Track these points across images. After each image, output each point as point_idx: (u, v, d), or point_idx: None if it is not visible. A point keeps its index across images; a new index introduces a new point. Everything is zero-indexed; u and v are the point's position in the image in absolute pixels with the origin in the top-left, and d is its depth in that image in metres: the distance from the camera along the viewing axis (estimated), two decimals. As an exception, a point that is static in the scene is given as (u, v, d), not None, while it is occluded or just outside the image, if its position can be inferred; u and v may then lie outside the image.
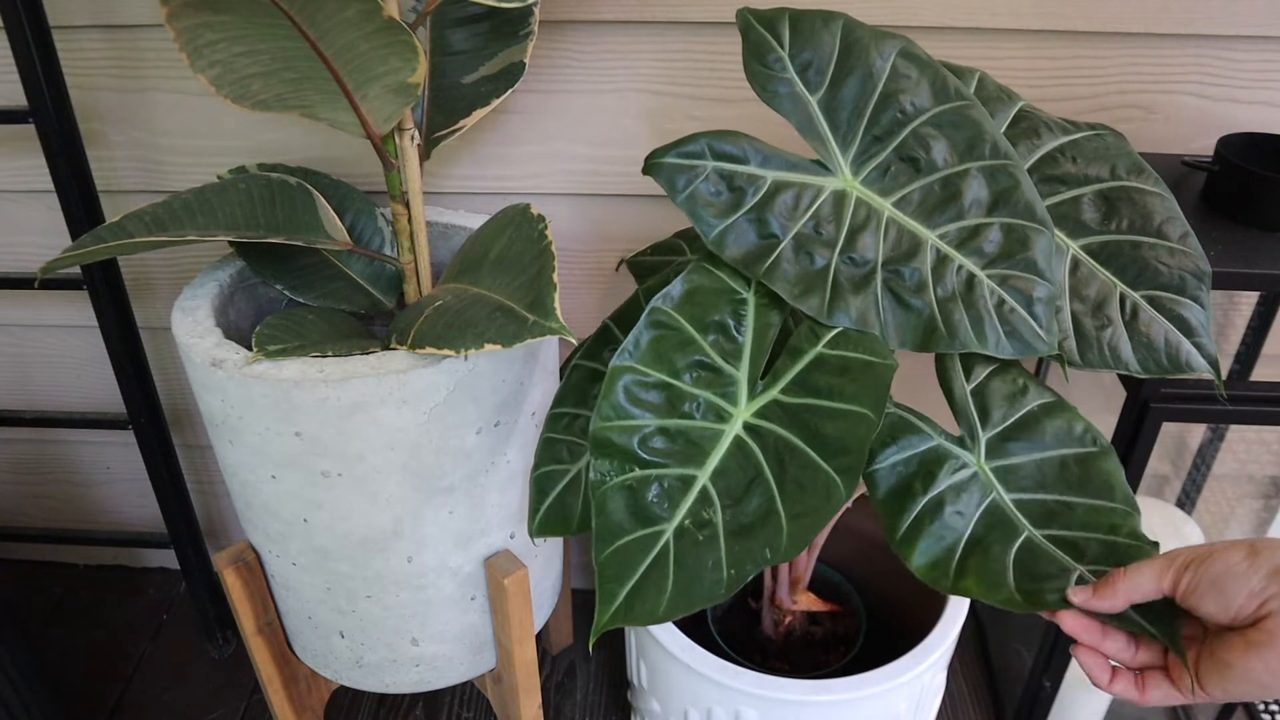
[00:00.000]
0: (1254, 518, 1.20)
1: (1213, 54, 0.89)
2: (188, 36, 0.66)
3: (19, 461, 1.27)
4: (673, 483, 0.64)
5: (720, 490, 0.64)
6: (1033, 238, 0.65)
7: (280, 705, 0.97)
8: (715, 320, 0.67)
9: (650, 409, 0.65)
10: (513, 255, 0.73)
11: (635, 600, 0.62)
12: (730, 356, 0.66)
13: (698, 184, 0.65)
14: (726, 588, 0.61)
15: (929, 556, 0.62)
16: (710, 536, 0.63)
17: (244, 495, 0.81)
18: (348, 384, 0.70)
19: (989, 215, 0.66)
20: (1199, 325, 0.67)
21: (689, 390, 0.65)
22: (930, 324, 0.64)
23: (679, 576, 0.62)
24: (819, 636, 0.97)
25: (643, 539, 0.63)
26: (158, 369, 1.13)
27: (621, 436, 0.64)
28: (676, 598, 0.62)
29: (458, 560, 0.83)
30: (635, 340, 0.65)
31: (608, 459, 0.64)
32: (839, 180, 0.67)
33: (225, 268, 0.86)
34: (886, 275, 0.65)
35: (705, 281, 0.67)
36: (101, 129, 0.99)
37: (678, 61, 0.92)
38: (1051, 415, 0.67)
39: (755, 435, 0.65)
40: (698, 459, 0.64)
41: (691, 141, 0.66)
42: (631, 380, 0.65)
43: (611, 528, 0.64)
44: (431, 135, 0.83)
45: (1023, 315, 0.64)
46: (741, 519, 0.63)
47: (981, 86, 0.75)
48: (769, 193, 0.66)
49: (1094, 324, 0.68)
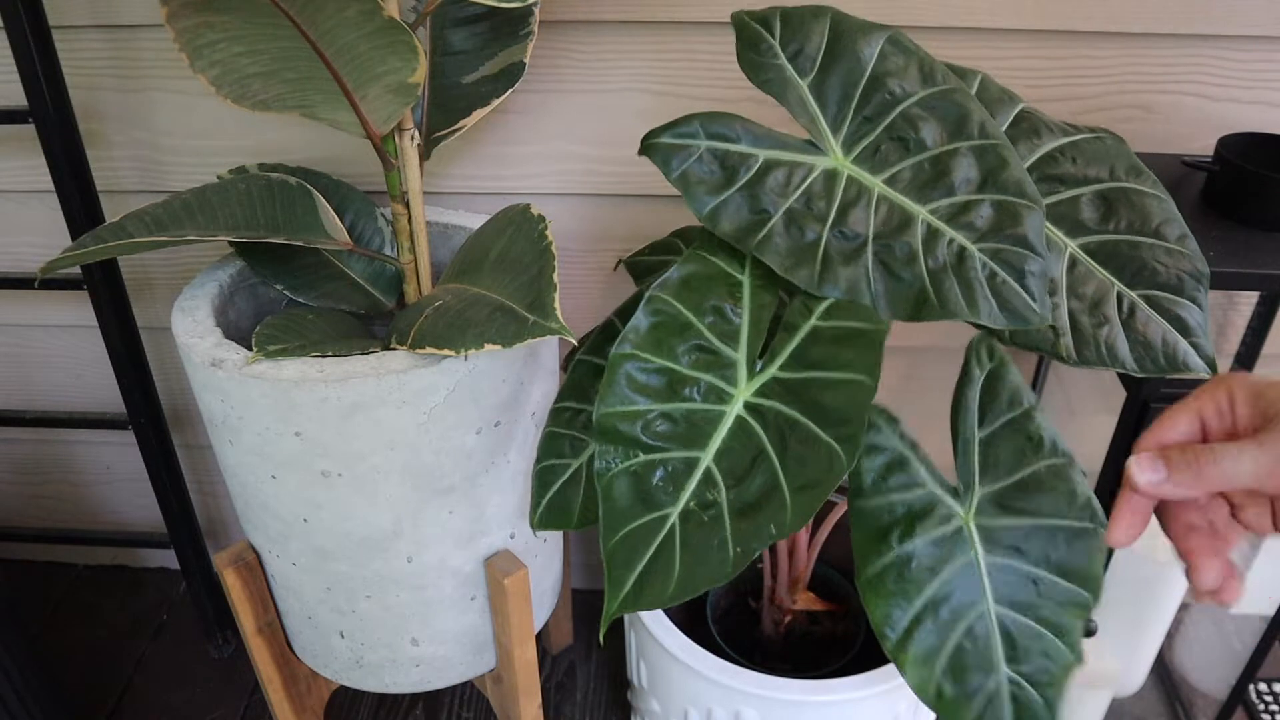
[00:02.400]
0: (1254, 518, 1.20)
1: (1213, 54, 0.89)
2: (188, 36, 0.66)
3: (19, 461, 1.27)
4: (677, 466, 0.65)
5: (724, 470, 0.64)
6: (1023, 214, 0.65)
7: (280, 705, 0.97)
8: (712, 304, 0.67)
9: (652, 394, 0.66)
10: (513, 255, 0.73)
11: (644, 585, 0.63)
12: (728, 338, 0.67)
13: (691, 162, 0.66)
14: (733, 566, 0.62)
15: (885, 610, 0.63)
16: (715, 517, 0.63)
17: (244, 495, 0.81)
18: (348, 384, 0.70)
19: (979, 192, 0.66)
20: (1197, 325, 0.67)
21: (689, 374, 0.66)
22: (922, 294, 0.64)
23: (685, 558, 0.63)
24: (819, 636, 0.97)
25: (649, 524, 0.64)
26: (158, 369, 1.13)
27: (625, 423, 0.65)
28: (684, 580, 0.62)
29: (458, 560, 0.83)
30: (635, 327, 0.66)
31: (613, 445, 0.65)
32: (830, 159, 0.68)
33: (225, 268, 0.86)
34: (878, 248, 0.65)
35: (700, 268, 0.68)
36: (101, 129, 0.99)
37: (678, 61, 0.92)
38: (1057, 478, 0.67)
39: (756, 414, 0.65)
40: (700, 441, 0.65)
41: (686, 122, 0.67)
42: (633, 367, 0.66)
43: (618, 514, 0.64)
44: (431, 135, 0.83)
45: (1014, 287, 0.64)
46: (746, 497, 0.63)
47: (984, 88, 0.75)
48: (760, 170, 0.67)
49: (1091, 322, 0.68)
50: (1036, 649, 0.64)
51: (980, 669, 0.63)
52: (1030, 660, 0.64)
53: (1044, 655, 0.64)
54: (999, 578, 0.65)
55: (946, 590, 0.64)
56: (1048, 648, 0.64)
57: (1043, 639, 0.64)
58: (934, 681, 0.63)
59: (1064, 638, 0.64)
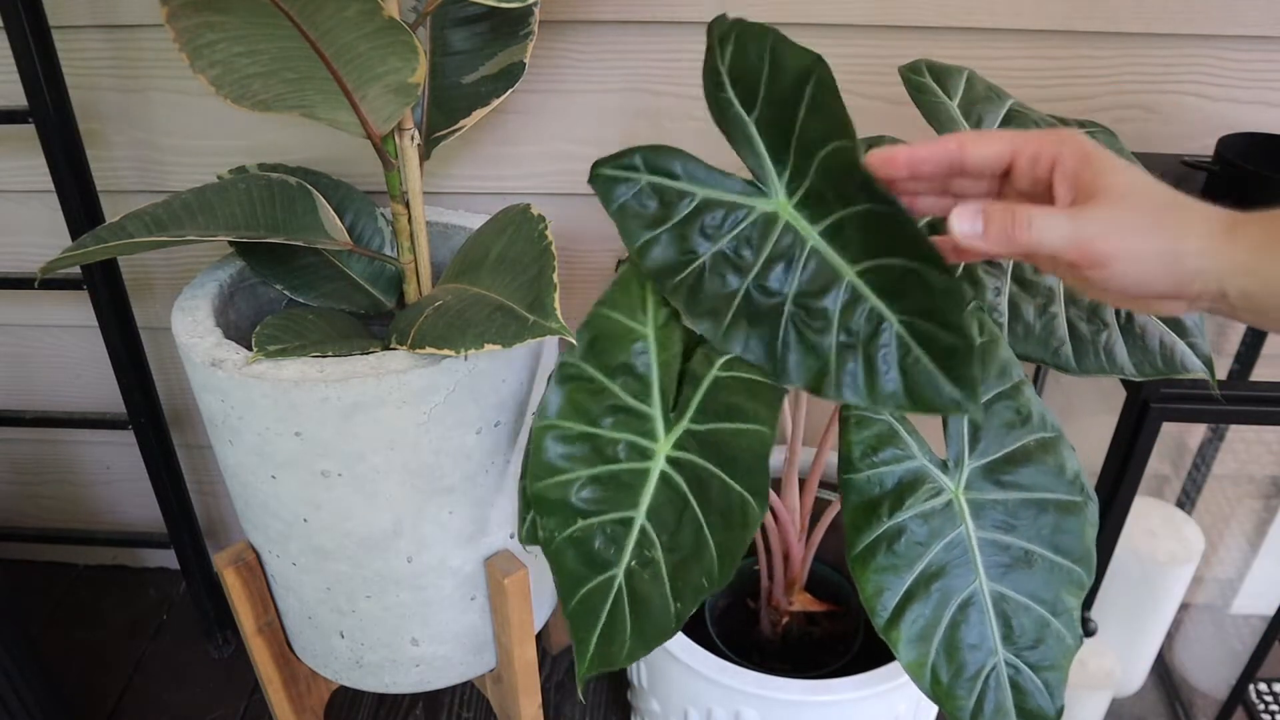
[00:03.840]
0: (1254, 518, 1.20)
1: (1213, 54, 0.89)
2: (188, 36, 0.66)
3: (19, 461, 1.27)
4: (614, 527, 0.66)
5: (656, 527, 0.66)
6: (958, 289, 0.55)
7: (280, 705, 0.97)
8: (621, 362, 0.68)
9: (578, 461, 0.67)
10: (513, 255, 0.73)
11: (605, 645, 0.66)
12: (640, 395, 0.68)
13: (629, 196, 0.65)
14: (675, 621, 0.64)
15: (876, 584, 0.63)
16: (655, 574, 0.65)
17: (244, 495, 0.81)
18: (348, 384, 0.70)
19: (905, 259, 0.57)
20: (1193, 326, 0.68)
21: (610, 435, 0.67)
22: (824, 368, 0.59)
23: (634, 617, 0.65)
24: (817, 636, 0.97)
25: (601, 585, 0.66)
26: (158, 369, 1.13)
27: (556, 492, 0.67)
28: (636, 639, 0.65)
29: (458, 560, 0.83)
30: (550, 397, 0.67)
31: (551, 516, 0.67)
32: (771, 202, 0.62)
33: (225, 268, 0.86)
34: (794, 310, 0.60)
35: (604, 326, 0.68)
36: (101, 129, 0.99)
37: (678, 61, 0.92)
38: (1046, 452, 0.66)
39: (677, 467, 0.66)
40: (630, 500, 0.66)
41: (629, 155, 0.65)
42: (556, 435, 0.67)
43: (571, 579, 0.66)
44: (431, 135, 0.83)
45: (928, 369, 0.56)
46: (679, 552, 0.65)
47: (970, 86, 0.75)
48: (696, 209, 0.63)
49: (1090, 329, 0.68)
50: (1033, 629, 0.64)
51: (975, 649, 0.63)
52: (1027, 640, 0.63)
53: (1041, 636, 0.64)
54: (990, 553, 0.65)
55: (938, 565, 0.64)
56: (1044, 627, 0.64)
57: (1039, 618, 0.64)
58: (929, 662, 0.62)
59: (1061, 617, 0.64)
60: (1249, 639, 1.24)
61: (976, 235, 0.48)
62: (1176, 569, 1.01)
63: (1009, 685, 0.63)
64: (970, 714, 0.63)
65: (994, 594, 0.64)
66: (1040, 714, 0.63)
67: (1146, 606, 1.04)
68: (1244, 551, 1.23)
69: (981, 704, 0.63)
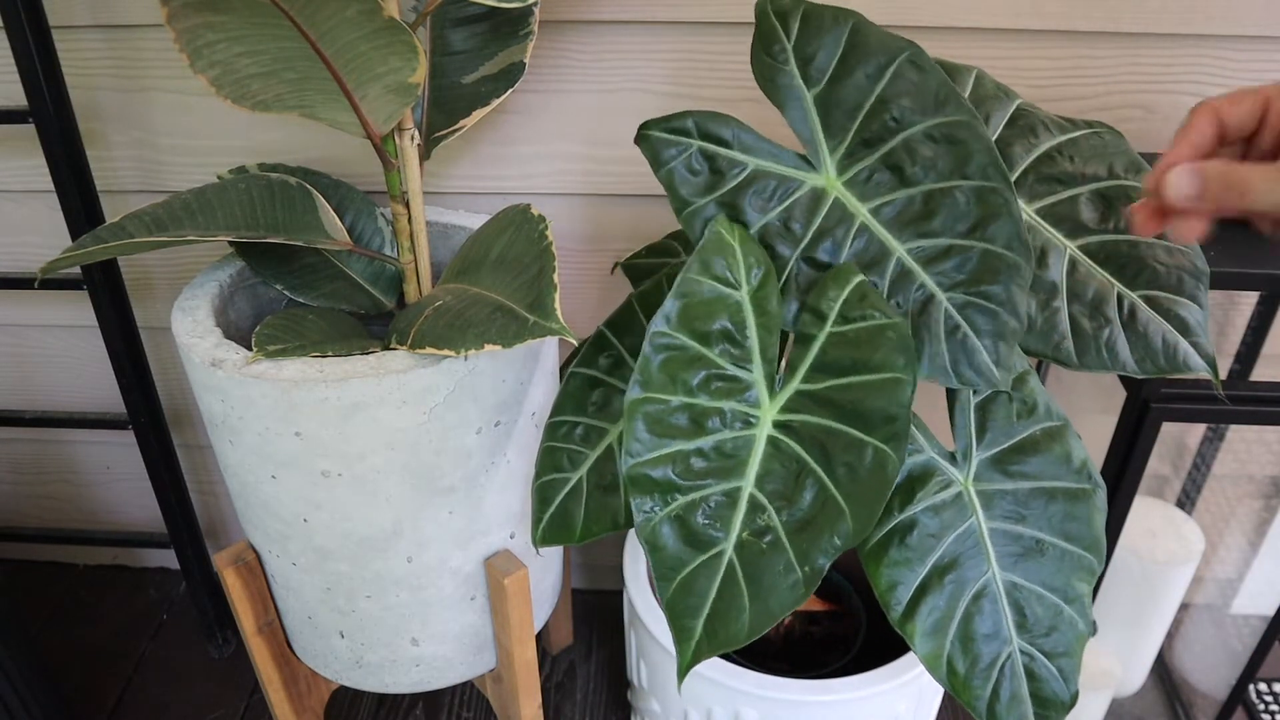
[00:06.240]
0: (1254, 518, 1.20)
1: (1213, 54, 0.89)
2: (188, 37, 0.66)
3: (19, 461, 1.27)
4: (719, 500, 0.63)
5: (770, 494, 0.63)
6: (1005, 269, 0.61)
7: (280, 705, 0.97)
8: (717, 329, 0.65)
9: (677, 434, 0.63)
10: (513, 255, 0.73)
11: (715, 628, 0.61)
12: (741, 361, 0.65)
13: (679, 160, 0.65)
14: (805, 585, 0.60)
15: (890, 579, 0.63)
16: (773, 542, 0.61)
17: (244, 495, 0.81)
18: (348, 384, 0.70)
19: (966, 238, 0.63)
20: (1197, 325, 0.67)
21: (710, 405, 0.64)
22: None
23: (753, 590, 0.61)
24: (818, 636, 0.97)
25: (705, 564, 0.62)
26: (158, 369, 1.13)
27: (656, 469, 0.63)
28: (758, 612, 0.60)
29: (458, 560, 0.83)
30: (644, 368, 0.63)
31: (648, 495, 0.62)
32: (821, 178, 0.65)
33: (225, 268, 0.87)
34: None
35: (696, 291, 0.65)
36: (101, 129, 0.99)
37: (678, 61, 0.92)
38: (1052, 441, 0.66)
39: (788, 430, 0.64)
40: (738, 470, 0.63)
41: (681, 118, 0.66)
42: (651, 410, 0.63)
43: (670, 562, 0.62)
44: (431, 135, 0.83)
45: (975, 344, 0.61)
46: (800, 515, 0.61)
47: (979, 84, 0.75)
48: (747, 179, 0.65)
49: (1092, 325, 0.68)
50: (1046, 617, 0.63)
51: (990, 638, 0.63)
52: (1040, 629, 0.63)
53: (1054, 623, 0.63)
54: (1001, 542, 0.65)
55: (950, 557, 0.63)
56: (1057, 615, 0.64)
57: (1051, 605, 0.64)
58: (944, 654, 0.62)
59: (1073, 604, 0.64)
60: (1249, 639, 1.24)
61: (1195, 196, 0.46)
62: (1176, 569, 1.01)
63: (1024, 673, 0.63)
64: (987, 703, 0.62)
65: (1007, 583, 0.64)
66: (1055, 700, 0.63)
67: (1146, 606, 1.04)
68: (1244, 551, 1.23)
69: (998, 693, 0.63)
